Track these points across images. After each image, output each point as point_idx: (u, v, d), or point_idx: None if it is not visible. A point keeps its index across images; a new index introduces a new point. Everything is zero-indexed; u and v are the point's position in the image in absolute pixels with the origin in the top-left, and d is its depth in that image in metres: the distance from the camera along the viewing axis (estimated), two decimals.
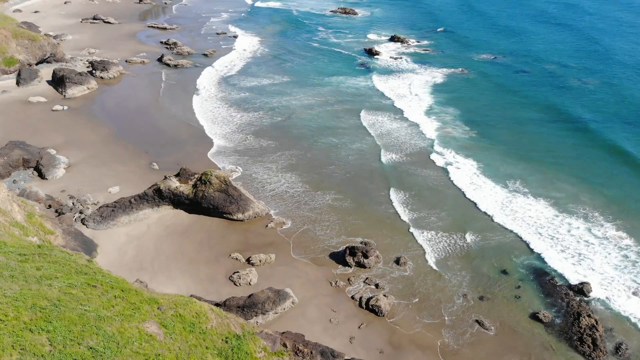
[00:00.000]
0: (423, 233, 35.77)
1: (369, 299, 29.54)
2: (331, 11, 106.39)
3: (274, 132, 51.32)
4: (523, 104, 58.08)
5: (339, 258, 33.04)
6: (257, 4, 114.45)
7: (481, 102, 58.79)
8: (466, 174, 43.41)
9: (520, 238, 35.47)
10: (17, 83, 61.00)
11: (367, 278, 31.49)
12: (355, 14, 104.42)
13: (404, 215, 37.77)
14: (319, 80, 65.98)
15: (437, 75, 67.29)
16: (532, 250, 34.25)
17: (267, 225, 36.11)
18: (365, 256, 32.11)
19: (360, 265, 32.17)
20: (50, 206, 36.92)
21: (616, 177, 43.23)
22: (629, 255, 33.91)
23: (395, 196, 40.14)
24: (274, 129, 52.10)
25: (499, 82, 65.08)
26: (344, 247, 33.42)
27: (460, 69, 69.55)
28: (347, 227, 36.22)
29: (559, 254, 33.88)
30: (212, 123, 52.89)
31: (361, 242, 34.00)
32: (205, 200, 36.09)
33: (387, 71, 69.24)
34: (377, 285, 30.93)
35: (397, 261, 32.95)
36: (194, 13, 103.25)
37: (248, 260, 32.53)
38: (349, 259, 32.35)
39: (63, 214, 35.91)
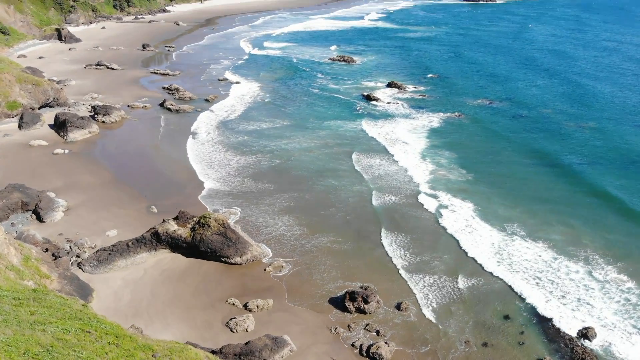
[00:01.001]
0: (425, 277, 35.39)
1: (369, 347, 28.86)
2: (330, 59, 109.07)
3: (272, 174, 51.56)
4: (520, 148, 58.63)
5: (338, 303, 32.51)
6: (257, 52, 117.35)
7: (478, 146, 59.41)
8: (463, 217, 43.32)
9: (521, 282, 35.01)
10: (19, 127, 61.78)
11: (367, 324, 30.88)
12: (354, 61, 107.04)
13: (404, 259, 37.48)
14: (318, 124, 66.93)
15: (434, 119, 68.34)
16: (532, 295, 33.74)
17: (265, 269, 35.73)
18: (366, 301, 31.60)
19: (361, 311, 31.60)
20: (47, 249, 36.61)
21: (617, 221, 43.12)
22: (630, 298, 33.46)
23: (395, 239, 39.94)
24: (272, 171, 52.38)
25: (496, 126, 66.02)
26: (344, 291, 32.95)
27: (456, 114, 70.70)
28: (346, 271, 35.86)
29: (559, 299, 33.40)
30: (208, 166, 53.03)
31: (361, 287, 33.54)
32: (203, 243, 35.85)
33: (385, 116, 70.34)
34: (378, 332, 30.29)
35: (398, 307, 32.41)
36: (196, 60, 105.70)
37: (245, 306, 31.98)
38: (349, 305, 31.81)
39: (60, 257, 35.57)
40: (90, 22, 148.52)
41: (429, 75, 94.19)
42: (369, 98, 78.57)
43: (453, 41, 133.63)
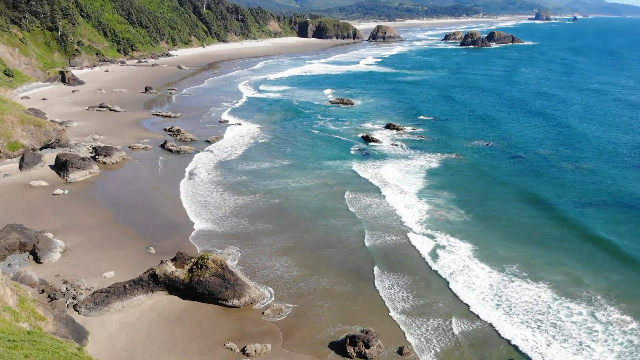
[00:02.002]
0: (426, 321, 34.83)
1: None
2: (329, 101, 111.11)
3: (270, 214, 51.49)
4: (519, 189, 58.89)
5: (338, 348, 31.91)
6: (257, 94, 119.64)
7: (476, 187, 59.74)
8: (461, 258, 43.01)
9: (523, 326, 34.50)
10: (20, 167, 62.16)
11: None
12: (352, 104, 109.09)
13: (406, 302, 37.06)
14: (318, 164, 67.50)
15: (432, 160, 69.00)
16: (534, 339, 33.19)
17: (263, 313, 35.24)
18: (367, 346, 31.03)
19: (362, 355, 30.98)
20: (43, 291, 36.21)
21: (618, 263, 42.93)
22: (633, 340, 32.96)
23: (396, 281, 39.61)
24: (270, 211, 52.32)
25: (494, 167, 66.63)
26: (344, 335, 32.40)
27: (454, 155, 71.46)
28: (346, 314, 35.36)
29: (562, 342, 32.86)
30: (203, 206, 52.83)
31: (362, 331, 32.99)
32: (201, 285, 35.49)
33: (384, 156, 71.06)
34: None
35: (400, 351, 31.80)
36: (197, 102, 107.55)
37: (243, 351, 31.37)
38: (350, 349, 31.23)
39: (56, 299, 35.12)
40: (94, 66, 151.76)
41: (426, 117, 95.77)
42: (367, 139, 79.56)
43: (449, 84, 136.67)
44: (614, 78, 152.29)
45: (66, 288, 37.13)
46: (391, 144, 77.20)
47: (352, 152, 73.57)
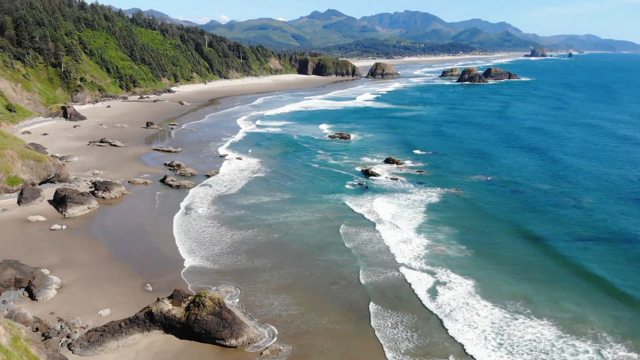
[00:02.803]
0: None
1: None
2: (329, 136, 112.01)
3: (269, 249, 50.92)
4: (521, 224, 58.47)
5: None
6: (257, 130, 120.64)
7: (477, 222, 59.36)
8: (461, 294, 42.29)
9: None
10: (19, 202, 61.93)
11: None
12: (351, 138, 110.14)
13: (410, 341, 36.16)
14: (319, 198, 67.32)
15: (432, 195, 68.86)
16: None
17: (261, 353, 34.35)
18: None
19: None
20: (37, 329, 35.40)
21: (624, 298, 42.22)
22: None
23: (398, 320, 38.77)
24: (269, 246, 51.77)
25: (493, 202, 66.45)
26: None
27: (454, 189, 71.39)
28: (347, 356, 34.41)
29: None
30: (199, 243, 52.14)
31: None
32: (198, 324, 34.72)
33: (384, 190, 70.95)
34: None
35: None
36: (198, 137, 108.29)
37: None
38: None
39: (50, 337, 34.31)
40: (96, 101, 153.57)
41: (425, 152, 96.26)
42: (367, 173, 79.67)
43: (447, 120, 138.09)
44: (608, 113, 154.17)
45: (60, 326, 36.35)
46: (391, 178, 77.24)
47: (352, 186, 73.54)
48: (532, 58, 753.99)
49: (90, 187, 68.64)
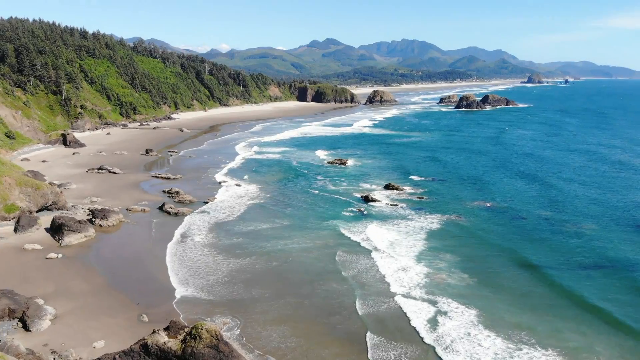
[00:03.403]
0: None
1: None
2: (328, 162, 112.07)
3: (267, 278, 49.99)
4: (524, 252, 57.80)
5: None
6: (256, 156, 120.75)
7: (478, 249, 58.67)
8: (463, 324, 41.35)
9: None
10: (15, 230, 61.28)
11: None
12: (351, 164, 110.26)
13: None
14: (318, 225, 66.75)
15: (433, 222, 68.33)
16: None
17: None
18: None
19: None
20: None
21: (630, 329, 41.32)
22: None
23: (398, 352, 37.80)
24: (267, 275, 50.85)
25: (495, 229, 65.92)
26: None
27: (454, 216, 70.91)
28: None
29: None
30: (192, 272, 51.00)
31: None
32: (194, 357, 33.74)
33: (384, 217, 70.45)
34: None
35: None
36: (197, 164, 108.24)
37: None
38: None
39: None
40: (96, 128, 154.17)
41: (425, 178, 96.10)
42: (367, 199, 79.26)
43: (446, 146, 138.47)
44: (604, 139, 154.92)
45: (54, 358, 35.39)
46: (391, 205, 76.82)
47: (352, 212, 73.05)
48: (529, 85, 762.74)
49: (88, 215, 68.10)
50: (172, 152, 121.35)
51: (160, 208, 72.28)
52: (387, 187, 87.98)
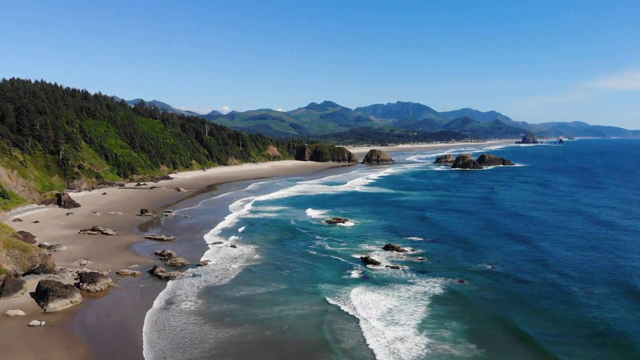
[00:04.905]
0: None
1: None
2: (326, 221, 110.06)
3: (261, 351, 46.18)
4: (532, 316, 54.86)
5: None
6: (252, 215, 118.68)
7: (486, 316, 55.55)
8: None
9: None
10: None
11: None
12: (350, 223, 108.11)
13: None
14: (316, 289, 63.80)
15: (436, 286, 65.55)
16: None
17: None
18: None
19: None
20: None
21: None
22: None
23: None
24: (261, 347, 47.07)
25: (501, 293, 63.12)
26: None
27: (457, 280, 68.20)
28: None
29: None
30: (174, 345, 46.65)
31: None
32: None
33: (384, 280, 67.70)
34: None
35: None
36: (192, 224, 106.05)
37: None
38: None
39: None
40: (93, 188, 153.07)
41: (426, 239, 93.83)
42: (366, 261, 76.70)
43: (446, 206, 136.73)
44: (606, 200, 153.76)
45: None
46: (391, 267, 74.12)
47: (351, 275, 70.24)
48: (523, 145, 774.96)
49: (76, 279, 65.31)
50: (168, 212, 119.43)
51: (151, 272, 69.46)
52: (387, 247, 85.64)
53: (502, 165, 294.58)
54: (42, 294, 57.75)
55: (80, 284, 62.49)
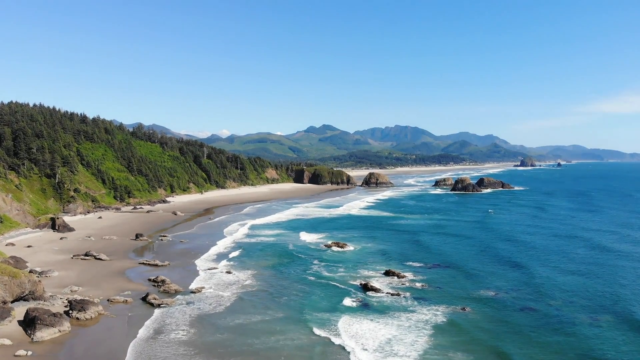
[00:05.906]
0: None
1: None
2: (325, 245, 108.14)
3: None
4: (535, 349, 52.76)
5: None
6: (249, 240, 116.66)
7: (491, 346, 53.39)
8: None
9: None
10: None
11: None
12: (348, 248, 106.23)
13: None
14: (314, 317, 61.64)
15: (438, 314, 63.49)
16: None
17: None
18: None
19: None
20: None
21: None
22: None
23: None
24: None
25: (506, 321, 61.05)
26: None
27: (460, 307, 66.12)
28: None
29: None
30: None
31: None
32: None
33: (385, 308, 65.63)
34: None
35: None
36: (187, 249, 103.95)
37: None
38: None
39: None
40: (88, 212, 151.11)
41: (427, 264, 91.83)
42: (366, 288, 74.60)
43: (447, 230, 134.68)
44: (607, 225, 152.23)
45: None
46: (392, 294, 71.99)
47: (350, 303, 68.08)
48: (521, 168, 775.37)
49: (66, 306, 63.15)
50: (163, 236, 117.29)
51: (144, 299, 67.27)
52: (387, 273, 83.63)
53: (501, 189, 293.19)
54: (29, 322, 55.65)
55: (70, 311, 60.33)
